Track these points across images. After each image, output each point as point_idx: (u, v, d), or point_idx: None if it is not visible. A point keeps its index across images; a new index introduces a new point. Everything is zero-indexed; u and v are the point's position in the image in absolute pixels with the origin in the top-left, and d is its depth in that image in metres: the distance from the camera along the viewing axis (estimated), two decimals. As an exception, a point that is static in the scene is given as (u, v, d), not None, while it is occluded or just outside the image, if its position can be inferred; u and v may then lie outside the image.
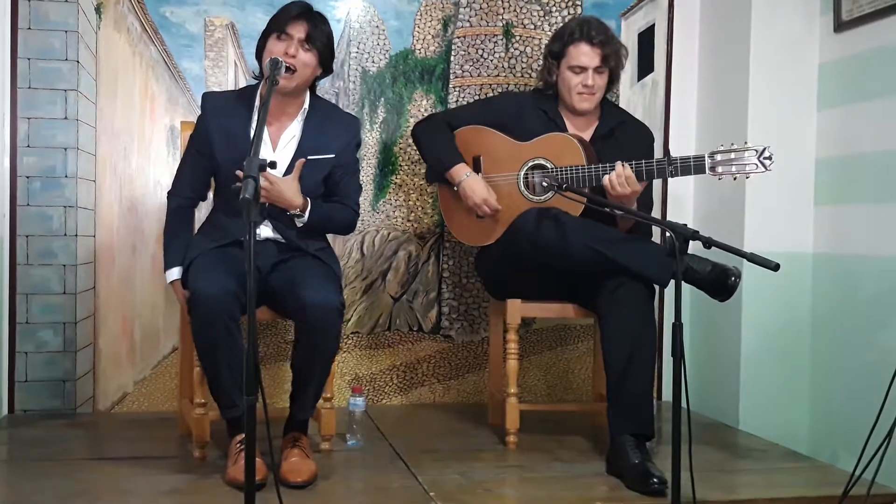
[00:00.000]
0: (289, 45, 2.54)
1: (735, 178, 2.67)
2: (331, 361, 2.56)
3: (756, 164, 2.62)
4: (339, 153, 2.66)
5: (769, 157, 2.62)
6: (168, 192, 2.75)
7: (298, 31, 2.55)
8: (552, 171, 2.87)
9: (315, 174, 2.59)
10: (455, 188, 2.98)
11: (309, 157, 2.60)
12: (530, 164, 2.93)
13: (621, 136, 3.01)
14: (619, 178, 2.70)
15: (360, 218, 3.43)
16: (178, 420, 3.02)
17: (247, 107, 2.62)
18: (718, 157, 2.66)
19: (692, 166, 2.70)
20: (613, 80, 3.02)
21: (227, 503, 2.29)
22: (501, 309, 2.98)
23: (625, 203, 2.72)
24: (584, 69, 2.92)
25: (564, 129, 2.98)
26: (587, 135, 3.00)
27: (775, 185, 3.09)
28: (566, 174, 2.84)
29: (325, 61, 2.64)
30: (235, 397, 2.48)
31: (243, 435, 2.44)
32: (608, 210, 2.69)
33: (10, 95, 3.16)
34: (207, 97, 2.72)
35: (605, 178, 2.73)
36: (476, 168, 3.01)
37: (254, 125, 2.57)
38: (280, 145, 2.64)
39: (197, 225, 2.83)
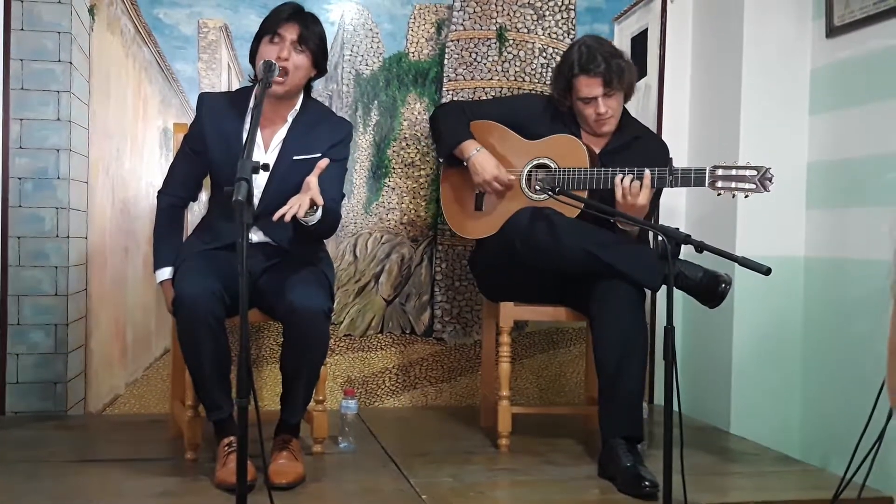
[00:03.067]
0: (281, 47, 2.54)
1: (734, 196, 2.67)
2: (319, 365, 2.55)
3: (755, 185, 2.63)
4: (325, 153, 2.62)
5: (769, 179, 2.62)
6: (158, 192, 2.75)
7: (290, 32, 2.55)
8: (554, 171, 2.88)
9: (301, 175, 2.54)
10: (465, 163, 2.97)
11: (295, 158, 2.60)
12: (534, 162, 2.94)
13: (637, 150, 2.97)
14: (634, 189, 2.69)
15: (353, 220, 3.48)
16: (169, 422, 3.02)
17: (241, 109, 2.62)
18: (720, 172, 2.66)
19: (693, 178, 2.71)
20: (628, 96, 2.98)
21: (219, 505, 2.29)
22: (494, 312, 2.98)
23: (633, 214, 2.71)
24: (592, 99, 2.90)
25: (578, 136, 2.98)
26: (601, 146, 2.99)
27: (767, 189, 3.10)
28: (567, 175, 2.84)
29: (319, 62, 2.64)
30: (221, 400, 2.49)
31: (231, 438, 2.46)
32: (602, 214, 2.69)
33: (2, 96, 3.15)
34: (203, 98, 2.72)
35: (619, 178, 2.72)
36: None
37: (246, 127, 2.57)
38: (271, 147, 2.64)
39: (190, 227, 2.83)
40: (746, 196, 2.68)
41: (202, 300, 2.37)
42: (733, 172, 2.65)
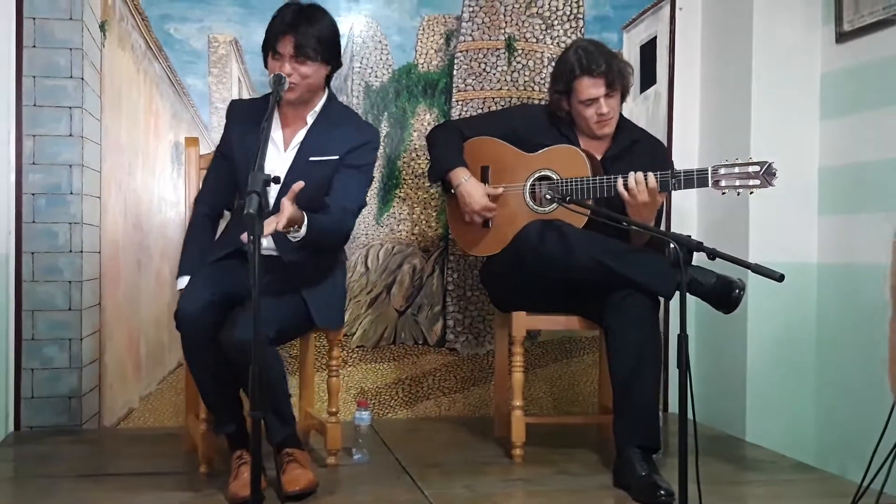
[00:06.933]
0: (281, 63, 2.53)
1: (738, 194, 2.66)
2: (274, 386, 2.45)
3: (759, 181, 2.61)
4: (343, 156, 2.61)
5: (773, 174, 2.61)
6: (194, 199, 2.77)
7: (286, 47, 2.53)
8: (557, 183, 2.88)
9: (317, 175, 2.53)
10: (452, 191, 2.99)
11: (311, 159, 2.60)
12: (536, 175, 2.94)
13: (636, 153, 2.97)
14: (640, 185, 2.68)
15: (364, 231, 3.49)
16: (183, 436, 3.02)
17: (263, 116, 2.62)
18: (722, 171, 2.65)
19: (695, 179, 2.70)
20: (624, 96, 2.99)
21: (234, 519, 2.29)
22: (507, 321, 2.98)
23: (643, 217, 2.71)
24: (594, 100, 2.90)
25: (577, 143, 2.98)
26: (601, 153, 2.98)
27: (779, 195, 3.06)
28: (571, 185, 2.84)
29: (328, 59, 2.59)
30: (224, 415, 2.52)
31: (240, 451, 2.47)
32: (612, 222, 2.68)
33: (15, 113, 3.17)
34: (233, 105, 2.77)
35: (621, 183, 2.71)
36: (483, 178, 3.01)
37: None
38: (291, 146, 2.65)
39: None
40: (752, 192, 2.67)
41: (202, 316, 2.39)
42: (736, 170, 2.63)
